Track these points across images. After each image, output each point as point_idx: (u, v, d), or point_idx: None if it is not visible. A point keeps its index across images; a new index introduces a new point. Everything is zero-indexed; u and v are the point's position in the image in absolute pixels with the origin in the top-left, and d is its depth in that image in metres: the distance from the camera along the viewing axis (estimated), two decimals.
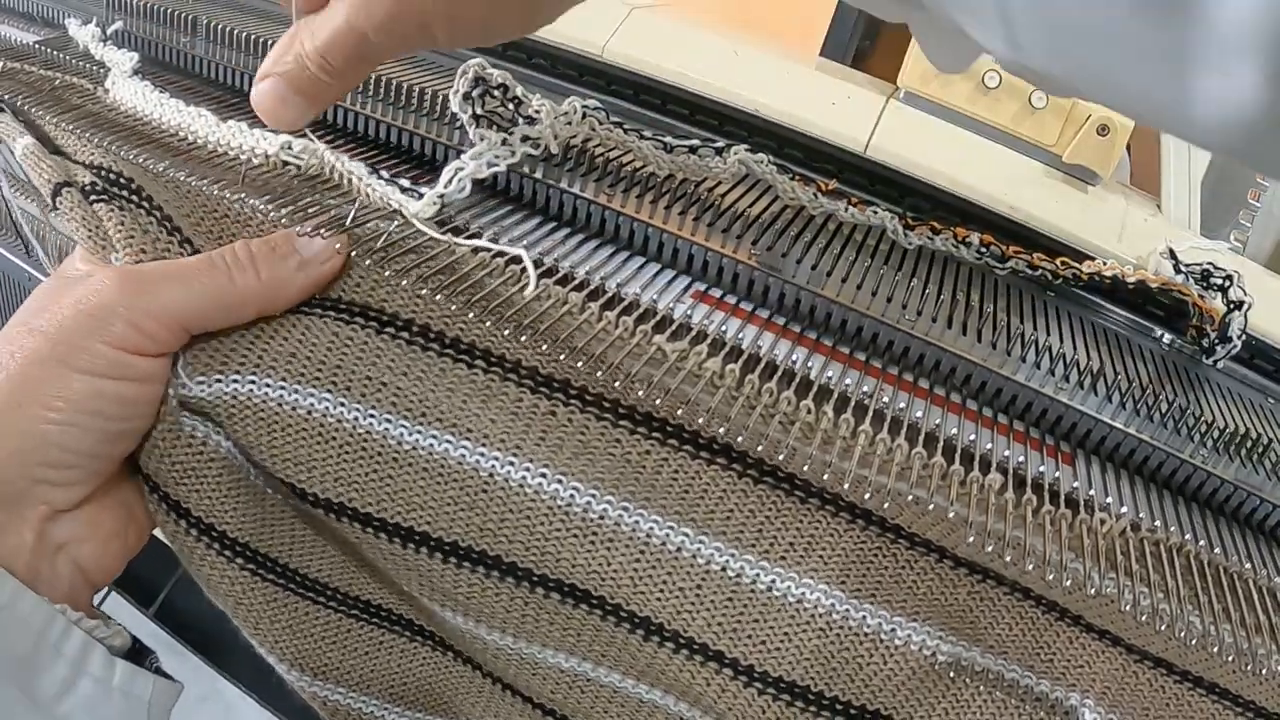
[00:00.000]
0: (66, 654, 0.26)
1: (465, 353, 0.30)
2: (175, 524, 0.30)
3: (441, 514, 0.30)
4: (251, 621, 0.32)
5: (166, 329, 0.28)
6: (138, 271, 0.29)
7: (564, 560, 0.30)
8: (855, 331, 0.36)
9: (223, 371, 0.29)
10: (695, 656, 0.30)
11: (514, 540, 0.30)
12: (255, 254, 0.30)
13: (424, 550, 0.30)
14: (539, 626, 0.31)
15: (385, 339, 0.30)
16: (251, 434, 0.29)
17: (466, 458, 0.29)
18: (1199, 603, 0.30)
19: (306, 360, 0.30)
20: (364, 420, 0.30)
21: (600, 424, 0.30)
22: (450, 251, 0.33)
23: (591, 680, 0.32)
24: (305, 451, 0.29)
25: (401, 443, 0.29)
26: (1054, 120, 0.49)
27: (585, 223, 0.38)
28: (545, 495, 0.29)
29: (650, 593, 0.29)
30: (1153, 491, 0.34)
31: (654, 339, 0.31)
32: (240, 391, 0.29)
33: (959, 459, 0.31)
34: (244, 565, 0.31)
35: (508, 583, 0.30)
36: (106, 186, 0.32)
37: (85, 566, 0.29)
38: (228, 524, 0.31)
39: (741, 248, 0.37)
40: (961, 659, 0.30)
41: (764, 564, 0.29)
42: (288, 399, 0.29)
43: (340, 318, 0.30)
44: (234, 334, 0.30)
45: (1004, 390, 0.35)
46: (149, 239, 0.31)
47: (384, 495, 0.30)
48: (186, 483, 0.30)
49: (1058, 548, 0.29)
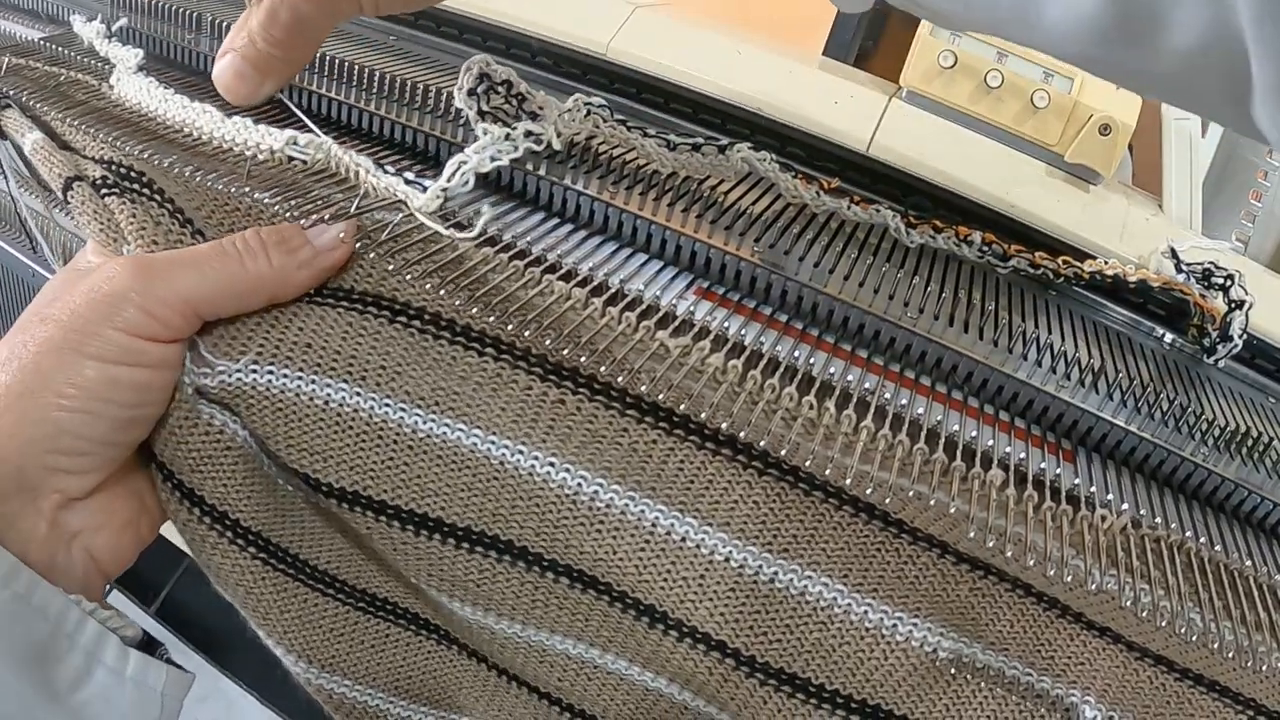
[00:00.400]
0: (81, 644, 0.27)
1: (475, 341, 0.31)
2: (189, 512, 0.30)
3: (455, 500, 0.30)
4: (261, 612, 0.33)
5: (179, 314, 0.28)
6: (149, 259, 0.29)
7: (572, 546, 0.30)
8: (857, 328, 0.36)
9: (240, 361, 0.29)
10: (698, 645, 0.30)
11: (525, 526, 0.30)
12: (266, 240, 0.30)
13: (436, 536, 0.30)
14: (547, 612, 0.31)
15: (398, 328, 0.31)
16: (268, 424, 0.29)
17: (479, 446, 0.30)
18: (1199, 600, 0.30)
19: (322, 350, 0.30)
20: (379, 409, 0.30)
21: (609, 413, 0.30)
22: (454, 246, 0.33)
23: (599, 667, 0.32)
24: (321, 441, 0.30)
25: (416, 431, 0.30)
26: (1056, 120, 0.49)
27: (589, 219, 0.38)
28: (554, 483, 0.30)
29: (654, 581, 0.29)
30: (1153, 489, 0.34)
31: (657, 335, 0.32)
32: (259, 382, 0.29)
33: (960, 455, 0.31)
34: (255, 555, 0.32)
35: (518, 567, 0.31)
36: (117, 180, 0.32)
37: (99, 556, 0.29)
38: (241, 512, 0.31)
39: (744, 245, 0.37)
40: (962, 655, 0.30)
41: (767, 556, 0.29)
42: (305, 389, 0.30)
43: (354, 308, 0.31)
44: (249, 325, 0.30)
45: (1005, 387, 0.35)
46: (160, 230, 0.31)
47: (399, 483, 0.30)
48: (202, 470, 0.30)
49: (1059, 544, 0.30)
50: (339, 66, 0.42)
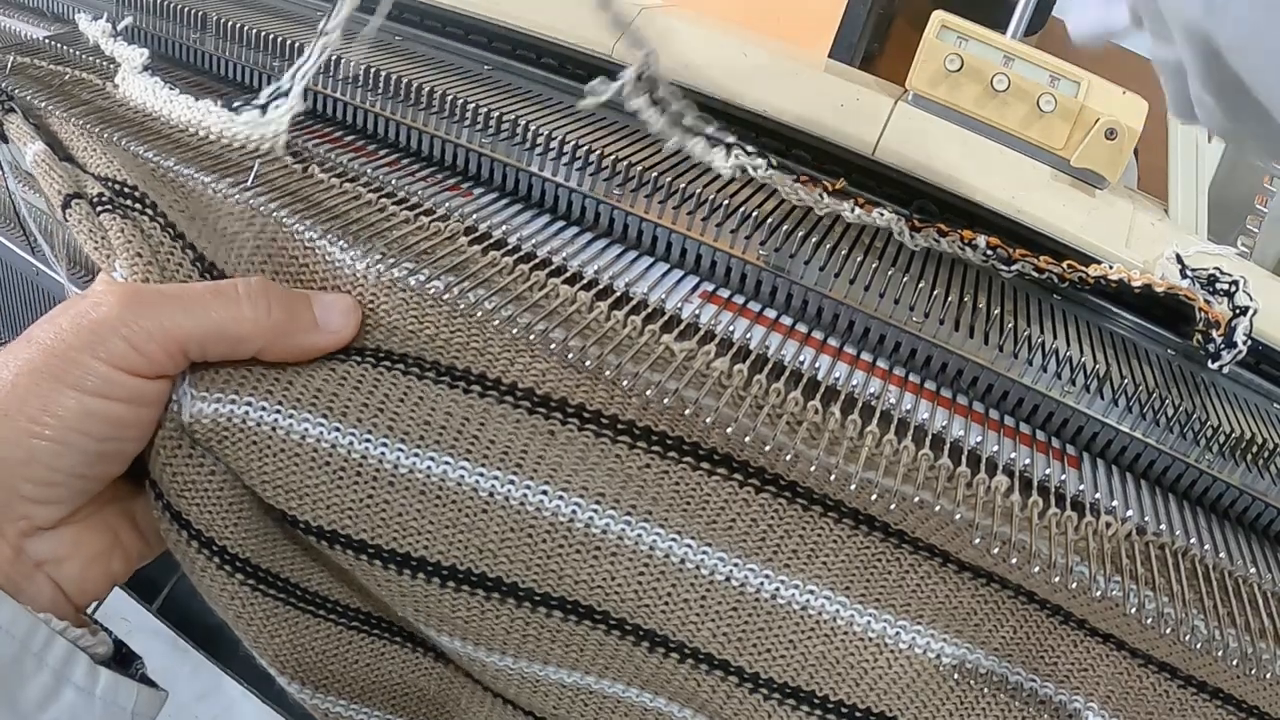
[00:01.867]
0: (50, 663, 0.26)
1: (461, 378, 0.30)
2: (177, 534, 0.30)
3: (439, 537, 0.29)
4: (252, 635, 0.32)
5: (165, 351, 0.27)
6: (141, 289, 0.28)
7: (567, 577, 0.29)
8: (862, 332, 0.36)
9: (215, 394, 0.29)
10: (701, 665, 0.30)
11: (515, 560, 0.29)
12: (270, 293, 0.29)
13: (420, 576, 0.30)
14: (540, 645, 0.31)
15: (383, 370, 0.30)
16: (242, 459, 0.29)
17: (465, 479, 0.29)
18: (1204, 607, 0.30)
19: (302, 387, 0.29)
20: (358, 446, 0.29)
21: (600, 440, 0.30)
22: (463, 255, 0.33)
23: (594, 693, 0.32)
24: (297, 479, 0.29)
25: (397, 467, 0.29)
26: (1062, 124, 0.49)
27: (594, 221, 0.38)
28: (546, 512, 0.29)
29: (655, 605, 0.29)
30: (1158, 495, 0.34)
31: (662, 338, 0.32)
32: (235, 414, 0.29)
33: (965, 461, 0.31)
34: (244, 580, 0.31)
35: (508, 604, 0.30)
36: (113, 196, 0.32)
37: (65, 587, 0.28)
38: (228, 539, 0.30)
39: (750, 248, 0.37)
40: (965, 662, 0.30)
41: (768, 572, 0.29)
42: (281, 424, 0.29)
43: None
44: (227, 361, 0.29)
45: (1010, 393, 0.35)
46: (150, 245, 0.31)
47: (378, 522, 0.29)
48: (187, 495, 0.29)
49: (1062, 550, 0.29)
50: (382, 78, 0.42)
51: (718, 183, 0.42)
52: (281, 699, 0.77)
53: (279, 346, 0.29)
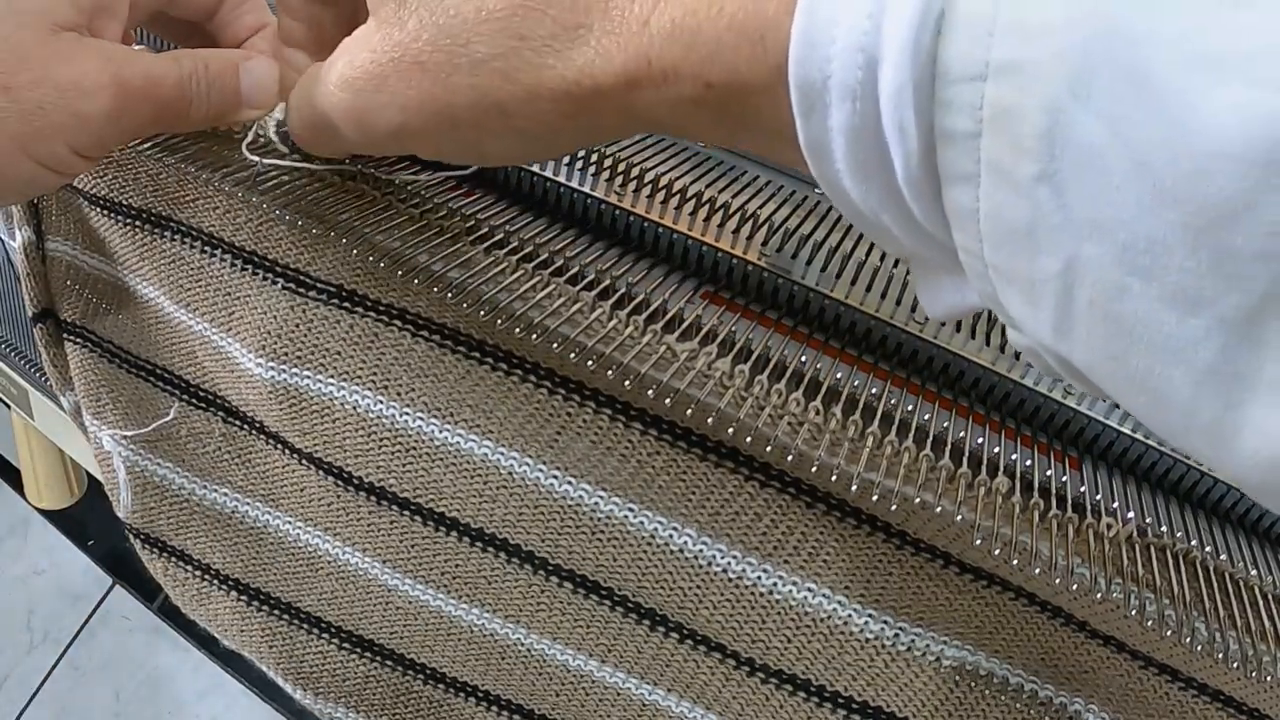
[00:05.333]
0: None
1: (490, 354, 0.32)
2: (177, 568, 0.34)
3: (468, 504, 0.32)
4: (251, 649, 0.35)
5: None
6: (128, 95, 0.28)
7: (575, 553, 0.31)
8: (864, 334, 0.36)
9: (275, 361, 0.33)
10: (699, 647, 0.30)
11: (530, 531, 0.31)
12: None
13: (454, 533, 0.33)
14: (550, 616, 0.32)
15: (420, 340, 0.32)
16: (306, 423, 0.33)
17: (489, 455, 0.31)
18: (1205, 609, 0.30)
19: (352, 359, 0.32)
20: (400, 417, 0.32)
21: (613, 424, 0.30)
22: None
23: (596, 681, 0.33)
24: (353, 442, 0.32)
25: (434, 439, 0.32)
26: None
27: (595, 222, 0.38)
28: (556, 494, 0.30)
29: (653, 588, 0.30)
30: (1159, 496, 0.34)
31: (664, 339, 0.32)
32: (289, 382, 0.33)
33: (966, 462, 0.31)
34: (239, 597, 0.34)
35: (525, 569, 0.32)
36: (78, 327, 0.36)
37: None
38: (222, 566, 0.34)
39: (751, 249, 0.37)
40: (966, 664, 0.30)
41: (766, 567, 0.29)
42: (338, 392, 0.32)
43: (380, 319, 0.32)
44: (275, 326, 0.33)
45: (1011, 394, 0.35)
46: (101, 375, 0.35)
47: (420, 485, 0.32)
48: (182, 534, 0.34)
49: (1064, 552, 0.29)
50: None
51: (719, 183, 0.42)
52: (282, 698, 0.78)
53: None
